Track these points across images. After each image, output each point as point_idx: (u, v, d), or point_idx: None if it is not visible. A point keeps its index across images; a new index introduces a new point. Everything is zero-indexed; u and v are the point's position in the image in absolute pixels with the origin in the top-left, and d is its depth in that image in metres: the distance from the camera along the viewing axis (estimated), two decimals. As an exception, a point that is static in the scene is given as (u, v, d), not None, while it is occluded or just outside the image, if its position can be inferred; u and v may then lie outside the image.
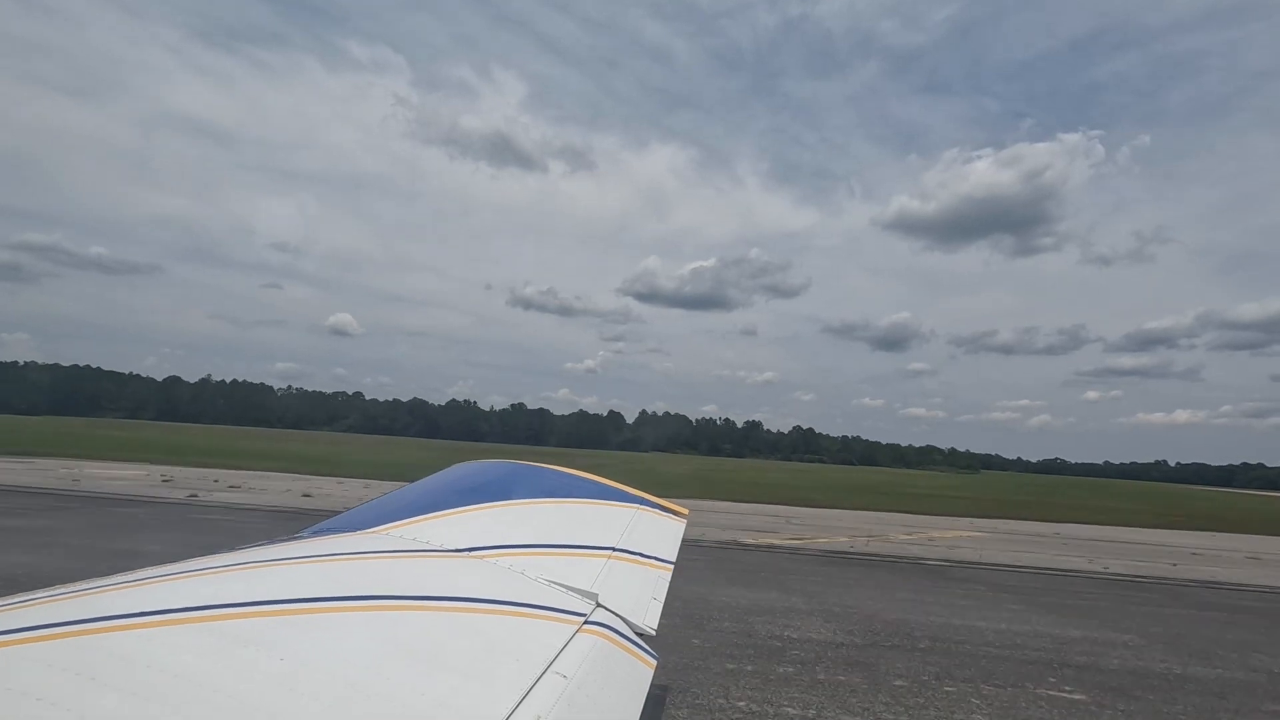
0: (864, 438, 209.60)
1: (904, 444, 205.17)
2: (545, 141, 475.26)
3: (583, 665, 1.57)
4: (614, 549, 2.68)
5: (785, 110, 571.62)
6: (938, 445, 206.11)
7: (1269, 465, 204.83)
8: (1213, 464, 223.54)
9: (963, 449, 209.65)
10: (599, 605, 2.06)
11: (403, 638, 1.48)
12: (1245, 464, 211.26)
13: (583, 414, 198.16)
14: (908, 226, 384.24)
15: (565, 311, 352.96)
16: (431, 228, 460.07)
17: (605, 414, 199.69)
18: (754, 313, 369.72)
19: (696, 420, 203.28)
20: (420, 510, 2.63)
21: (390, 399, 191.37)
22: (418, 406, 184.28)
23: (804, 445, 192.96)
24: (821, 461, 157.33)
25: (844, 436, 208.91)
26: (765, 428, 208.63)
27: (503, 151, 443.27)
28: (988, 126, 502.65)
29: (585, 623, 1.85)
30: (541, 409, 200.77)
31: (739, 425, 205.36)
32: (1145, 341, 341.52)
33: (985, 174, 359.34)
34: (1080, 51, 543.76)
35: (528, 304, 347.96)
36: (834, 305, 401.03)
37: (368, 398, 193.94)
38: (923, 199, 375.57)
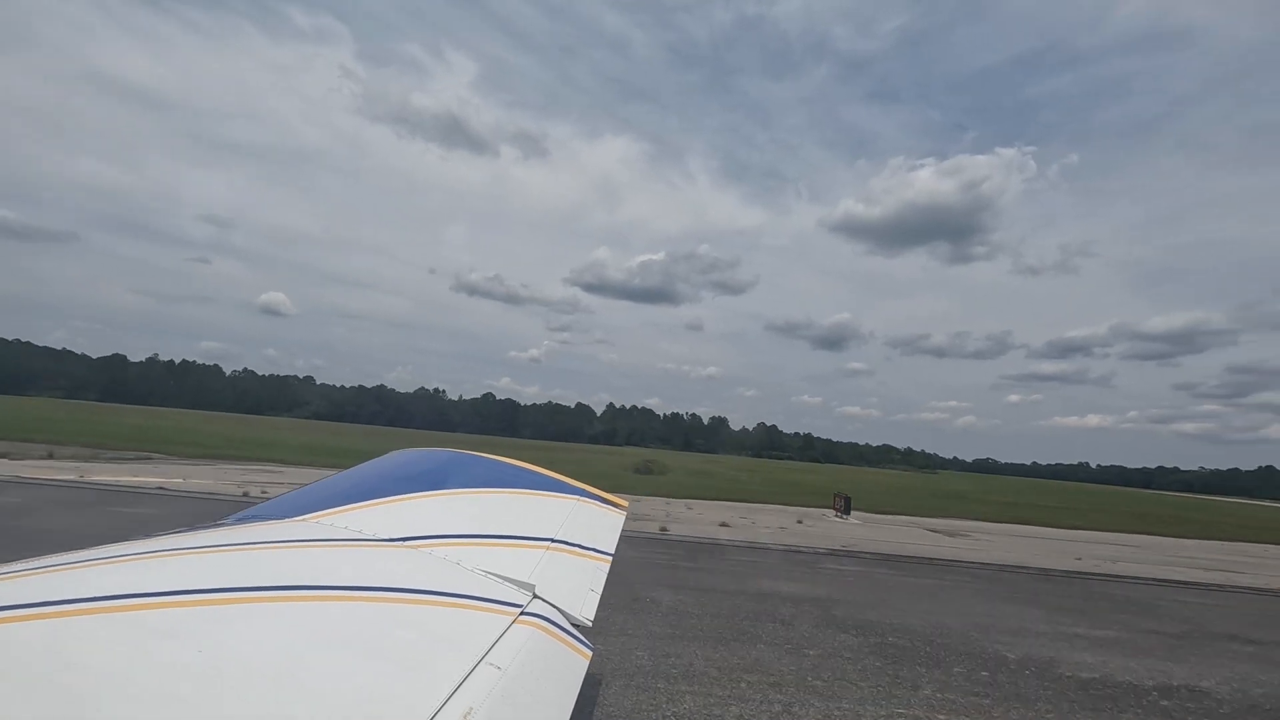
0: (815, 435, 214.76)
1: (838, 440, 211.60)
2: (498, 126, 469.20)
3: (518, 656, 1.54)
4: (553, 540, 2.64)
5: (739, 109, 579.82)
6: (872, 443, 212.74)
7: (1183, 469, 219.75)
8: (1128, 466, 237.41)
9: (900, 447, 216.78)
10: (536, 596, 2.03)
11: (332, 628, 1.44)
12: (1161, 467, 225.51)
13: (554, 405, 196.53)
14: (852, 230, 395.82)
15: (511, 299, 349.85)
16: (375, 207, 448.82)
17: (573, 406, 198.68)
18: (701, 308, 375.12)
19: (665, 415, 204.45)
20: (353, 498, 2.54)
21: (355, 385, 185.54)
22: (385, 394, 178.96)
23: (768, 442, 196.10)
24: (790, 459, 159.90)
25: (796, 433, 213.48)
26: (731, 425, 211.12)
27: (453, 133, 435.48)
28: (932, 136, 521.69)
29: (521, 614, 1.82)
30: (509, 399, 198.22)
31: (705, 421, 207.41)
32: (1065, 349, 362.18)
33: (927, 183, 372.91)
34: (1020, 69, 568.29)
35: (473, 290, 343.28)
36: (779, 304, 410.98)
37: (319, 382, 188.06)
38: (868, 204, 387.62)
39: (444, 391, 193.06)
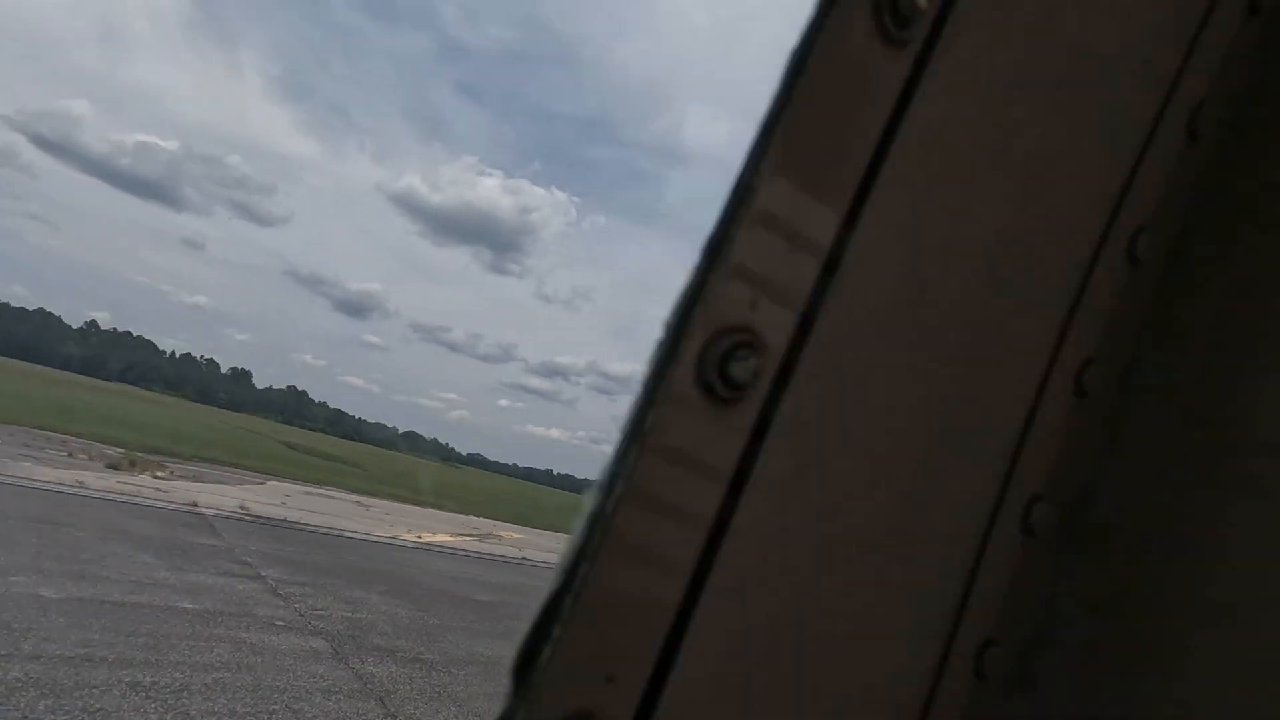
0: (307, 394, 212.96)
1: (347, 413, 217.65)
2: None
3: None
4: None
5: (323, 26, 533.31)
6: (368, 419, 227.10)
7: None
8: (576, 475, 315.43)
9: (390, 424, 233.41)
10: None
11: None
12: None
13: (9, 308, 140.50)
14: (410, 206, 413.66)
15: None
16: None
17: (31, 310, 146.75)
18: (210, 224, 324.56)
19: (173, 354, 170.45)
20: None
21: None
22: None
23: (295, 407, 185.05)
24: (322, 432, 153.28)
25: (324, 404, 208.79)
26: (255, 381, 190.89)
27: None
28: (505, 152, 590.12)
29: None
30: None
31: (224, 370, 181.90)
32: (552, 371, 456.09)
33: (490, 192, 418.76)
34: (586, 130, 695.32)
35: None
36: (309, 251, 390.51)
37: None
38: (432, 188, 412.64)
39: None
